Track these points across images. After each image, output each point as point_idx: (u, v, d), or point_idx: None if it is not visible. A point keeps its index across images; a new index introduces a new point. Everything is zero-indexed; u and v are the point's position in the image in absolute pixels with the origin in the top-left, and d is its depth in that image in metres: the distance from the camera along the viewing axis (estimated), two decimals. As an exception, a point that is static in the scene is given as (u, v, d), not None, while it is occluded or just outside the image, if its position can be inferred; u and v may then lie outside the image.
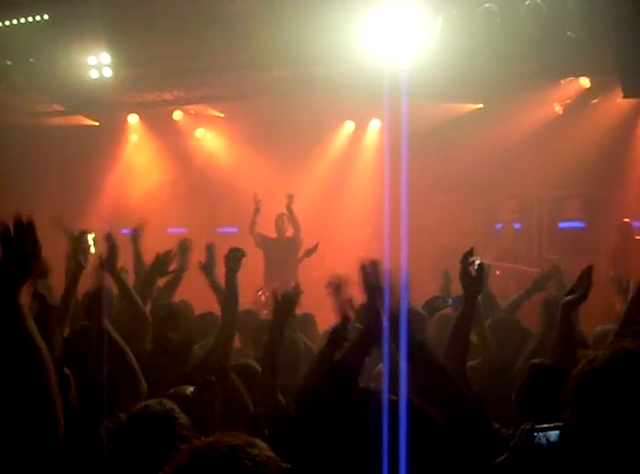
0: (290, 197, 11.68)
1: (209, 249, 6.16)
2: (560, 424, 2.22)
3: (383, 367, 2.86)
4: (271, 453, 1.90)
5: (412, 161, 10.50)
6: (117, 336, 3.85)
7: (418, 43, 10.50)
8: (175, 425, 2.74)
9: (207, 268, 6.09)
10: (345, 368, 3.06)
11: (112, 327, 3.93)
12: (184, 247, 7.19)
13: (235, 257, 5.38)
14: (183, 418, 2.79)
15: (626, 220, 11.74)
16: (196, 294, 7.01)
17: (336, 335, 3.39)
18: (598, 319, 5.59)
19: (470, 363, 4.73)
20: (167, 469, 1.85)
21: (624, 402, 1.87)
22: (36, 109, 13.53)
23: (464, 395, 2.91)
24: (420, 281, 10.80)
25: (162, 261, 6.68)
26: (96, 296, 3.94)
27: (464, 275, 3.79)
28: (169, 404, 2.82)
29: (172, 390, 3.87)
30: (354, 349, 3.12)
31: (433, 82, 11.58)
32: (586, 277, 4.19)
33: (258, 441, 1.91)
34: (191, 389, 3.96)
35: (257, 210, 11.54)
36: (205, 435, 1.99)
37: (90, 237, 6.59)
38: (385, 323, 2.91)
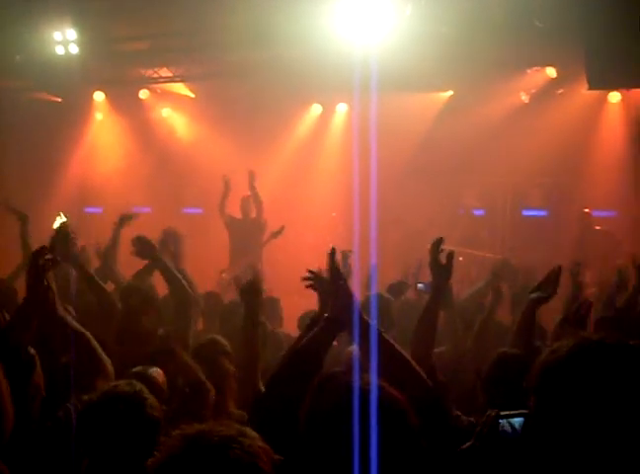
0: (252, 175, 11.67)
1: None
2: (524, 411, 2.27)
3: (354, 353, 2.90)
4: (262, 443, 1.91)
5: (379, 146, 10.58)
6: (69, 319, 3.80)
7: (387, 28, 10.51)
8: (144, 405, 2.76)
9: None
10: (309, 354, 3.07)
11: (65, 311, 3.89)
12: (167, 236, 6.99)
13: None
14: (152, 399, 2.81)
15: (586, 210, 11.89)
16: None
17: (315, 325, 3.40)
18: (558, 309, 5.67)
19: (438, 350, 4.80)
20: (158, 455, 1.85)
21: (587, 391, 1.91)
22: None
23: (422, 381, 2.93)
24: (384, 266, 10.86)
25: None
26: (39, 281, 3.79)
27: (434, 262, 3.80)
28: (138, 385, 2.84)
29: (137, 369, 3.87)
30: (320, 334, 3.13)
31: (401, 68, 11.61)
32: (554, 277, 4.26)
33: (249, 431, 1.92)
34: (155, 369, 3.97)
35: (227, 191, 11.50)
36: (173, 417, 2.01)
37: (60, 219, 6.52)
38: (354, 309, 2.94)
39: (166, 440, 1.87)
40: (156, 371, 3.95)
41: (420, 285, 5.67)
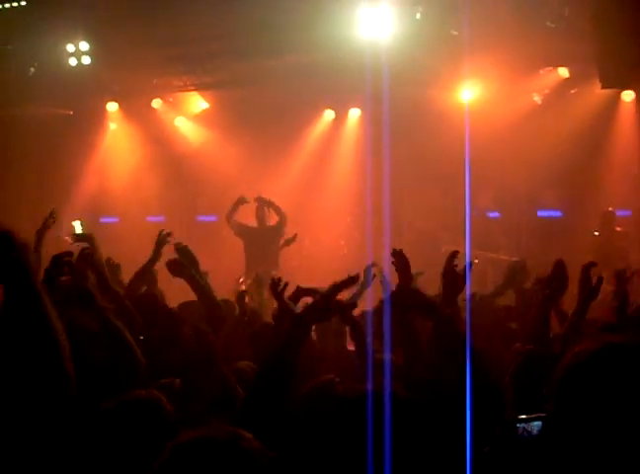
0: (260, 200, 11.61)
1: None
2: (543, 415, 2.26)
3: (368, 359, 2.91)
4: (257, 443, 1.94)
5: (391, 150, 10.57)
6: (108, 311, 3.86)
7: (398, 33, 10.52)
8: (160, 411, 2.82)
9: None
10: (284, 354, 3.03)
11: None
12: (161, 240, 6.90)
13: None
14: (168, 406, 2.87)
15: (610, 209, 11.72)
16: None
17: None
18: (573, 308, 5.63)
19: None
20: (163, 459, 1.88)
21: (608, 395, 1.90)
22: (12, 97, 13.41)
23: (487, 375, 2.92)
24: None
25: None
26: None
27: (448, 272, 3.69)
28: (156, 394, 2.90)
29: (161, 381, 3.90)
30: (290, 338, 3.09)
31: (412, 72, 11.62)
32: (561, 270, 4.21)
33: (243, 432, 1.96)
34: (177, 381, 3.99)
35: (239, 203, 11.45)
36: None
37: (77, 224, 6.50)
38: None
39: (170, 444, 1.91)
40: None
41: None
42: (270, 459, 1.92)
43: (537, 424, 2.35)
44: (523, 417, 2.41)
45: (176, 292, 6.68)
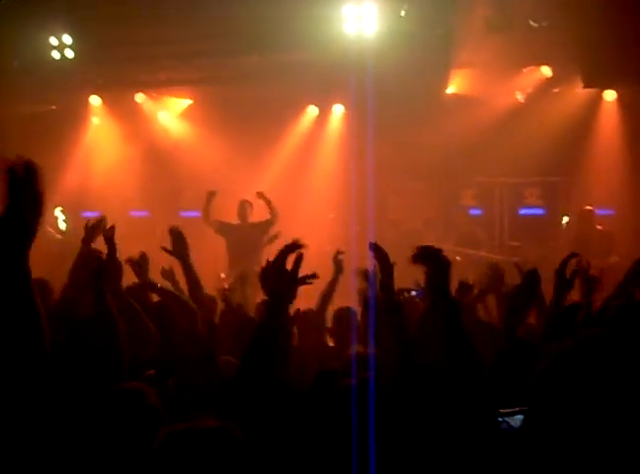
0: (260, 195, 11.54)
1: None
2: (525, 408, 2.28)
3: (351, 350, 2.93)
4: (240, 433, 2.00)
5: (375, 147, 10.58)
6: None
7: (382, 30, 10.54)
8: (145, 402, 2.85)
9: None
10: (265, 341, 3.04)
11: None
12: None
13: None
14: (153, 397, 2.90)
15: (588, 208, 11.79)
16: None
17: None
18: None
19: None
20: (156, 447, 1.91)
21: (589, 387, 1.92)
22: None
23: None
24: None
25: None
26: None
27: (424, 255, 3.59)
28: (141, 385, 2.94)
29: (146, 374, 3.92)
30: (266, 321, 3.11)
31: (396, 69, 11.64)
32: (531, 281, 4.20)
33: (228, 424, 2.00)
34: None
35: (210, 198, 11.32)
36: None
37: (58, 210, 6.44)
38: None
39: (161, 433, 1.94)
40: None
41: (413, 292, 5.63)
42: (253, 450, 1.96)
43: (519, 417, 2.38)
44: (505, 411, 2.43)
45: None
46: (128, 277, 5.98)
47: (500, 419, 2.42)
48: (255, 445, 1.98)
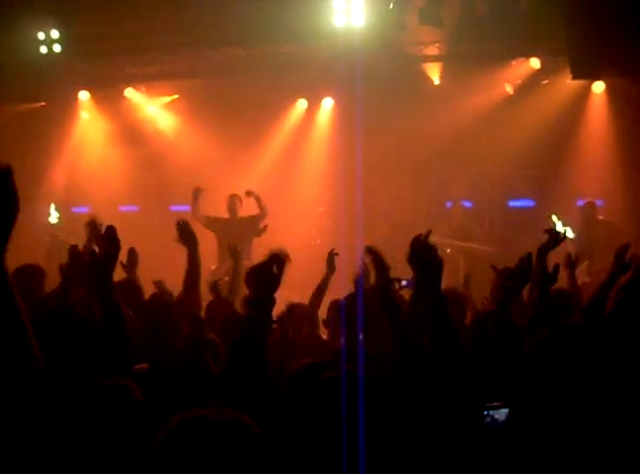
0: (249, 193, 11.54)
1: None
2: (509, 402, 2.29)
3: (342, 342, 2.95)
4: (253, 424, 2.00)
5: (365, 140, 10.58)
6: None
7: (371, 21, 10.53)
8: (130, 397, 2.87)
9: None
10: (250, 340, 3.10)
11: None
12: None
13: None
14: (138, 392, 2.92)
15: (590, 200, 11.70)
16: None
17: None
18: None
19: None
20: (162, 434, 1.90)
21: (566, 375, 1.92)
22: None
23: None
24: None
25: None
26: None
27: (416, 256, 3.50)
28: (124, 381, 2.96)
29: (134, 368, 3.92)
30: (250, 319, 3.17)
31: (385, 60, 11.64)
32: (525, 264, 4.21)
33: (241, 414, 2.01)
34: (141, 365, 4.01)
35: (197, 195, 11.32)
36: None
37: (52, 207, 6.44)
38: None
39: (167, 422, 1.93)
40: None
41: (403, 282, 5.66)
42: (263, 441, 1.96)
43: (504, 411, 2.38)
44: (491, 404, 2.43)
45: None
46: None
47: (485, 412, 2.43)
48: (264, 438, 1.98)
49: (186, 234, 5.87)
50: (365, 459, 2.10)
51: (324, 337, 5.84)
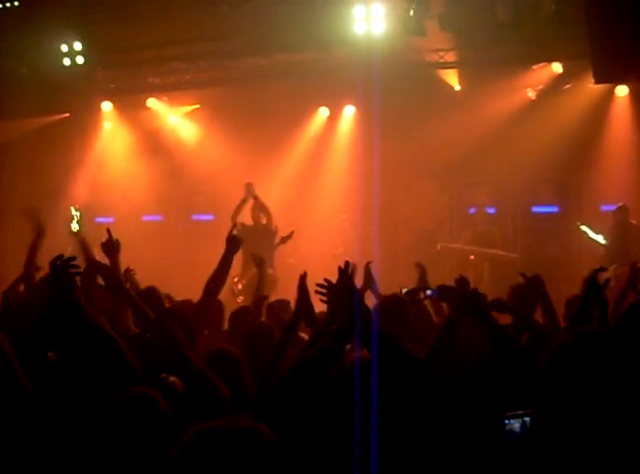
0: (250, 186, 11.67)
1: None
2: (531, 410, 2.26)
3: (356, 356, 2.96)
4: (272, 436, 1.99)
5: (387, 147, 10.57)
6: (101, 322, 3.86)
7: (391, 29, 10.52)
8: (156, 406, 2.87)
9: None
10: (315, 365, 3.18)
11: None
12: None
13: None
14: (163, 402, 2.92)
15: (622, 204, 11.57)
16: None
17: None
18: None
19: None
20: (177, 447, 1.90)
21: (586, 383, 1.90)
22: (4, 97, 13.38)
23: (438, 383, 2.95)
24: (394, 271, 10.77)
25: None
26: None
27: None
28: (151, 390, 2.96)
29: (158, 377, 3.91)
30: (327, 346, 3.21)
31: (406, 68, 11.63)
32: (536, 286, 4.18)
33: (261, 425, 1.99)
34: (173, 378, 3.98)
35: (247, 198, 11.57)
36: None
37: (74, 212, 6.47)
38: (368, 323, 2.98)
39: (188, 432, 1.93)
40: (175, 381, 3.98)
41: (428, 292, 5.65)
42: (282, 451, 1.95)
43: (526, 419, 2.36)
44: (512, 413, 2.41)
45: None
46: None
47: (506, 421, 2.41)
48: (285, 449, 1.97)
49: (234, 242, 5.77)
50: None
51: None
